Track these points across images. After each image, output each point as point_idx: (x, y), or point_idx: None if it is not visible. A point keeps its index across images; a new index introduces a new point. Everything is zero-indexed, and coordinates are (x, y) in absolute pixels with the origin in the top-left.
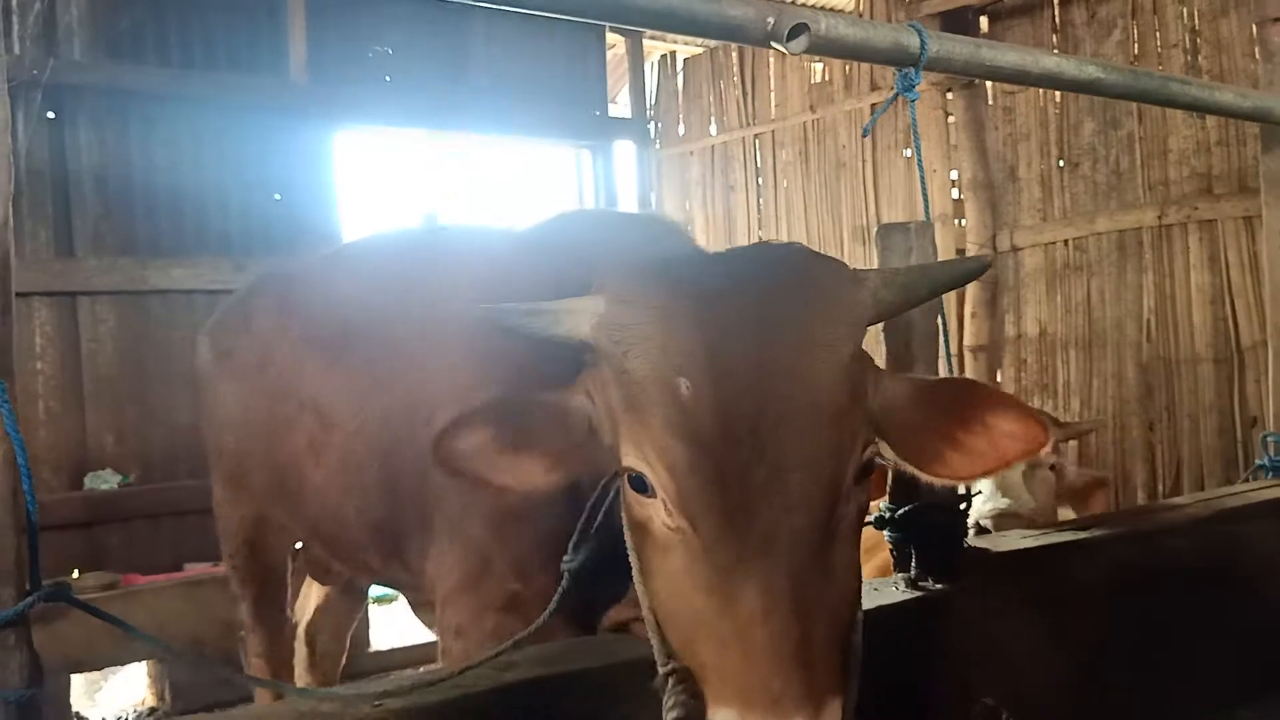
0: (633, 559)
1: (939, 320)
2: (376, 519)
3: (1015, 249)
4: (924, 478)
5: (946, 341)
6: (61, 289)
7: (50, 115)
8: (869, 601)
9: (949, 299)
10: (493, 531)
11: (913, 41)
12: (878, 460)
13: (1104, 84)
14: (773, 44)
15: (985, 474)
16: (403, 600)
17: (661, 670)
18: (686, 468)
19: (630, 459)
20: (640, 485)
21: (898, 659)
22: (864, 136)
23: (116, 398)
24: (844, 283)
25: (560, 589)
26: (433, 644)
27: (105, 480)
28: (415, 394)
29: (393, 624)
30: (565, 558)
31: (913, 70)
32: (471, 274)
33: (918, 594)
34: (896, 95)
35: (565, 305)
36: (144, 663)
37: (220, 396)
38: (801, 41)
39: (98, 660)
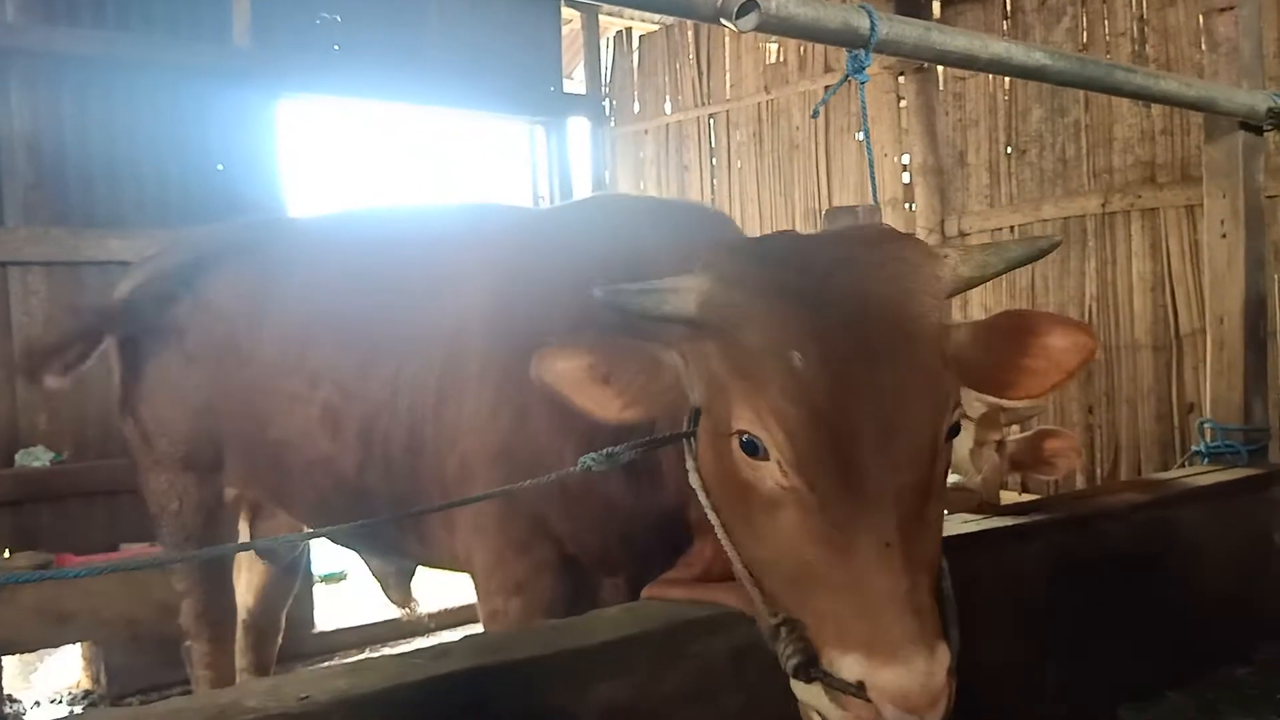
0: (719, 517)
1: None
2: (398, 490)
3: (963, 234)
4: (1005, 403)
5: None
6: None
7: None
8: None
9: None
10: (554, 500)
11: (863, 23)
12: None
13: (1051, 70)
14: (722, 20)
15: (1054, 387)
16: (352, 579)
17: (771, 621)
18: (803, 432)
19: (744, 423)
20: (752, 448)
21: None
22: (813, 118)
23: None
24: (928, 259)
25: (569, 470)
26: (377, 625)
27: (37, 457)
28: (451, 363)
29: (338, 604)
30: (592, 455)
31: (862, 52)
32: (509, 247)
33: None
34: (847, 77)
35: (670, 284)
36: (79, 645)
37: (171, 379)
38: (751, 19)
39: (29, 642)
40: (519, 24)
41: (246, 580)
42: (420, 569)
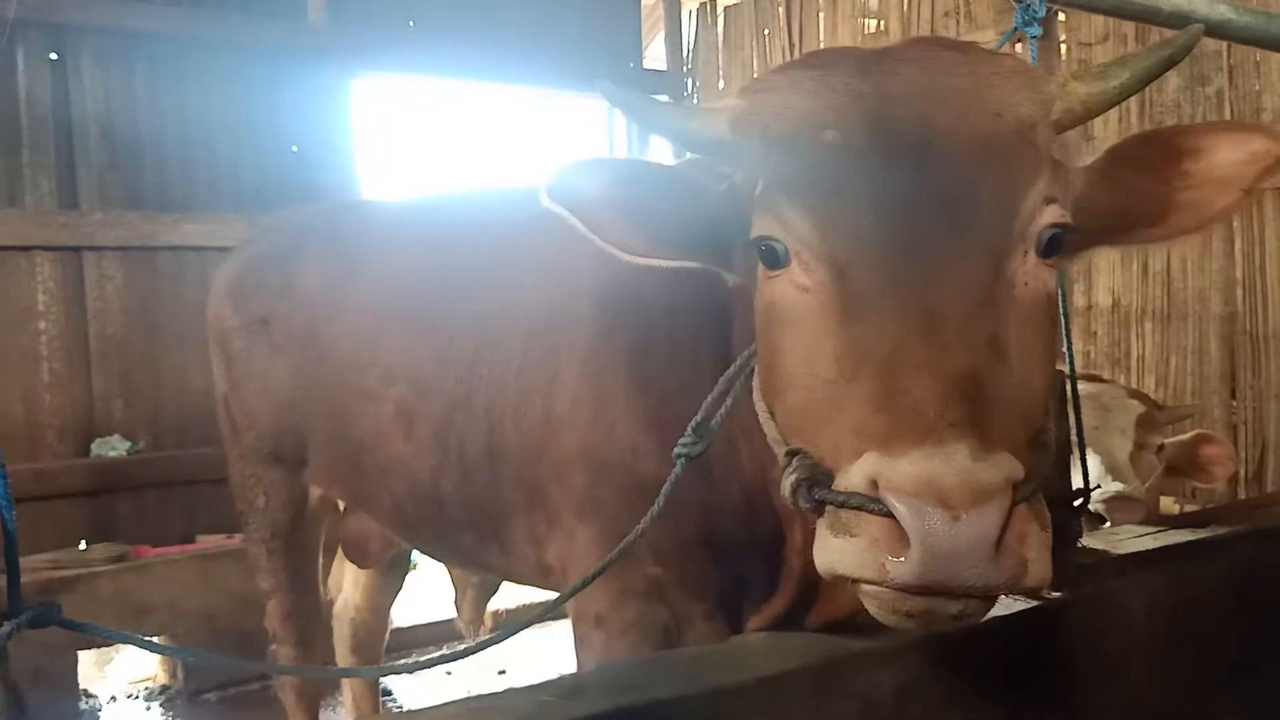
0: (758, 365)
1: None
2: (476, 497)
3: None
4: (1158, 246)
5: (1065, 312)
6: (65, 243)
7: (53, 56)
8: None
9: None
10: (627, 507)
11: None
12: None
13: (1234, 25)
14: None
15: (1224, 214)
16: (425, 571)
17: (782, 453)
18: (826, 206)
19: (762, 225)
20: (773, 257)
21: (1008, 679)
22: None
23: (125, 360)
24: (1030, 70)
25: (671, 476)
26: (451, 622)
27: (113, 447)
28: (532, 353)
29: (417, 598)
30: (682, 440)
31: (1034, 1)
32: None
33: (1032, 604)
34: (1015, 30)
35: (705, 105)
36: (156, 638)
37: (258, 369)
38: None
39: (109, 638)
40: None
41: (353, 576)
42: (503, 585)
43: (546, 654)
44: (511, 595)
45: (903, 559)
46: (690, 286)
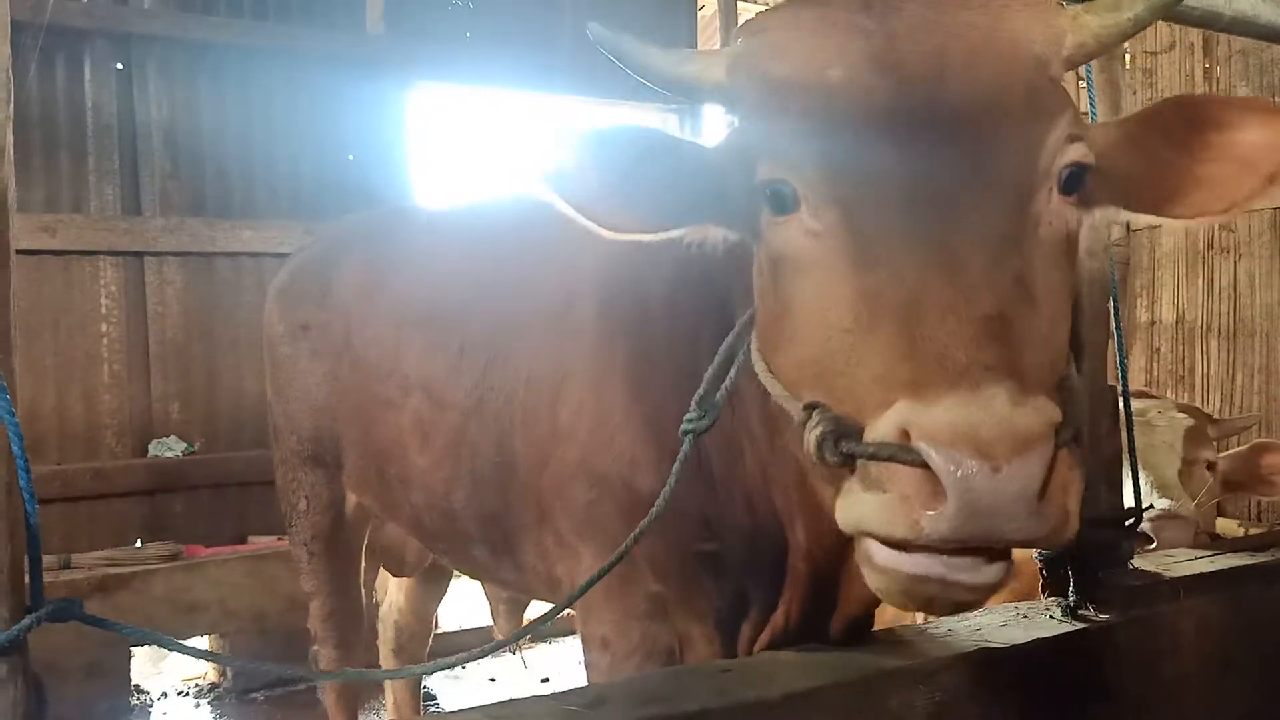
0: (759, 326)
1: (1110, 302)
2: (488, 510)
3: (1151, 226)
4: (1176, 222)
5: (1119, 326)
6: (128, 248)
7: (118, 66)
8: (1021, 633)
9: None
10: (626, 524)
11: None
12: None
13: None
14: None
15: (1247, 201)
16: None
17: (799, 408)
18: (837, 147)
19: (768, 169)
20: (779, 202)
21: (1050, 701)
22: None
23: (182, 363)
24: (1042, 5)
25: (680, 458)
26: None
27: (170, 448)
28: (539, 364)
29: (463, 603)
30: (688, 415)
31: (1079, 8)
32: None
33: (1079, 625)
34: None
35: (705, 50)
36: (206, 637)
37: (299, 374)
38: None
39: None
40: (653, 9)
41: (398, 580)
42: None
43: None
44: (547, 607)
45: (937, 512)
46: (690, 292)
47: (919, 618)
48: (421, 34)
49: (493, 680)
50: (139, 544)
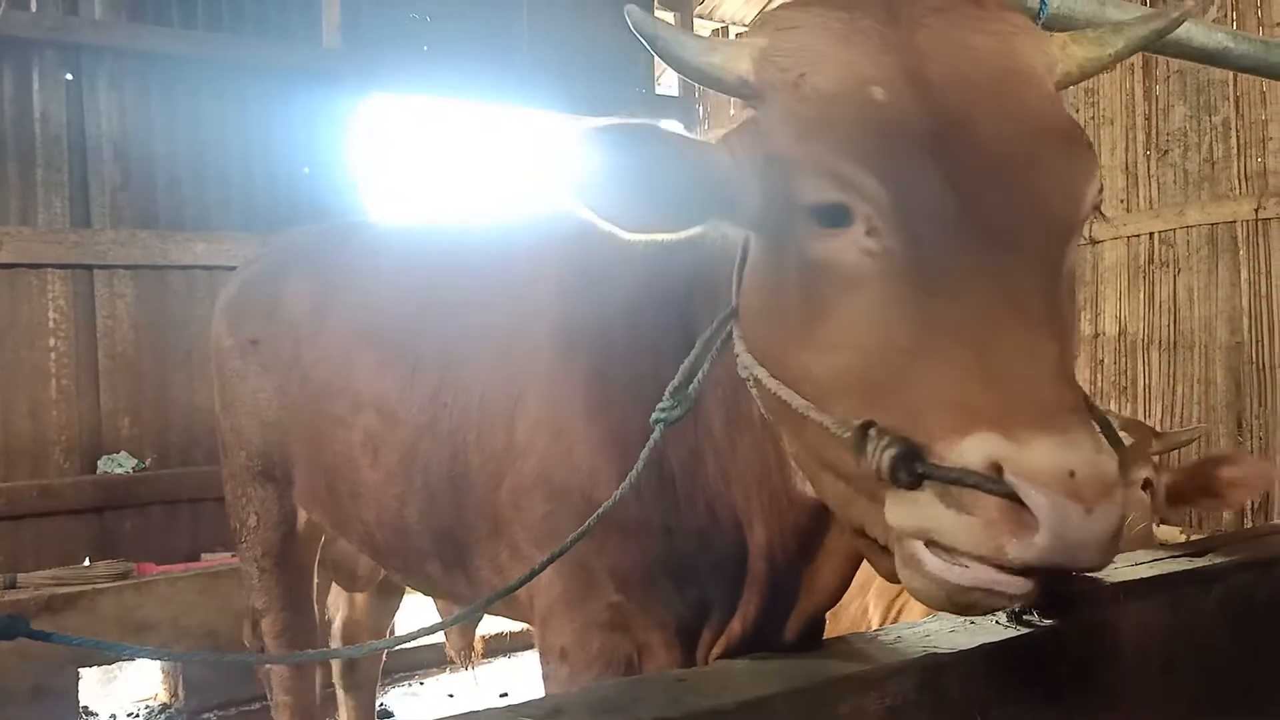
0: (761, 353)
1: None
2: (441, 525)
3: (1094, 241)
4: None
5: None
6: (77, 261)
7: (68, 77)
8: (968, 638)
9: None
10: (589, 537)
11: None
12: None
13: (1232, 54)
14: None
15: None
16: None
17: (855, 424)
18: (901, 173)
19: (814, 183)
20: (831, 216)
21: (997, 705)
22: None
23: (133, 377)
24: (1036, 30)
25: (648, 445)
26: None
27: (120, 464)
28: (495, 380)
29: (418, 618)
30: (661, 405)
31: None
32: (554, 256)
33: (1023, 630)
34: None
35: (725, 40)
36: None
37: (247, 389)
38: None
39: (107, 655)
40: (610, 25)
41: (349, 596)
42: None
43: None
44: (490, 622)
45: (1025, 541)
46: (651, 309)
47: (874, 625)
48: (378, 46)
49: (451, 696)
50: (87, 563)
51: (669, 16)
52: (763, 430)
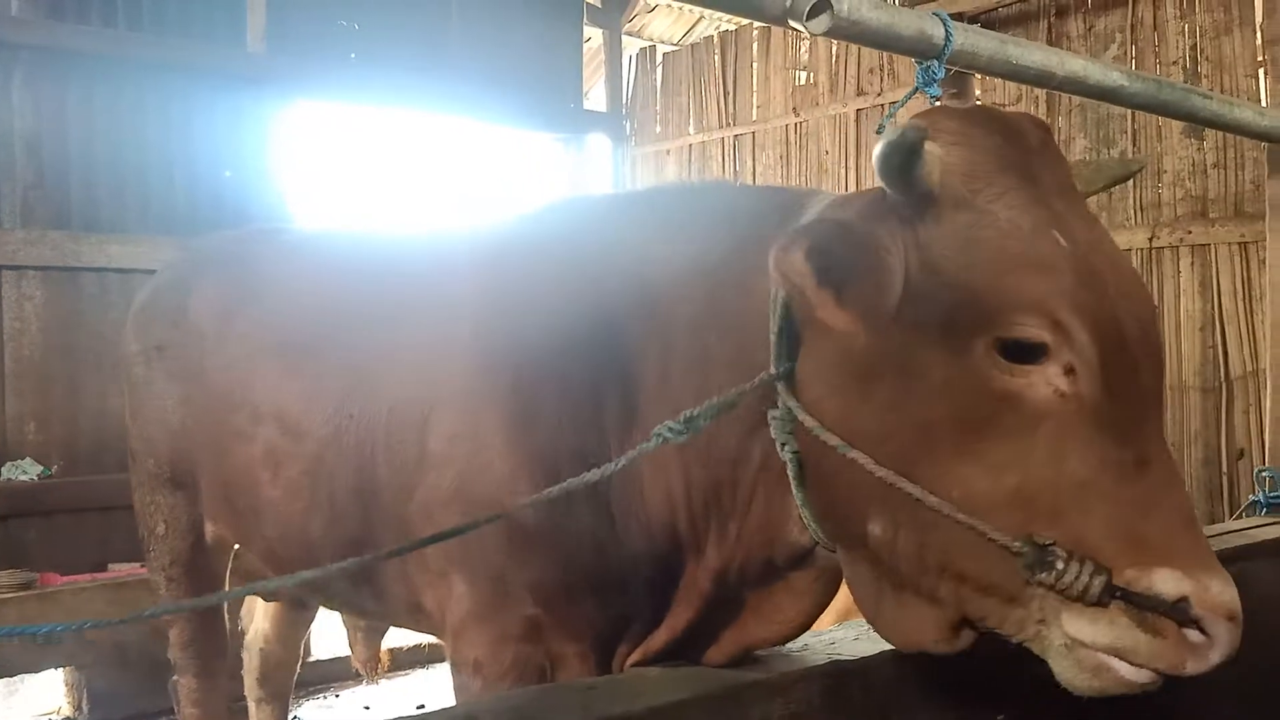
0: (870, 420)
1: None
2: (347, 539)
3: None
4: None
5: None
6: None
7: None
8: (871, 645)
9: None
10: (503, 551)
11: (938, 31)
12: None
13: (1126, 92)
14: (791, 22)
15: None
16: None
17: (1038, 542)
18: (1104, 324)
19: (1020, 323)
20: (1023, 351)
21: (901, 711)
22: (877, 134)
23: (41, 381)
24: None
25: (640, 449)
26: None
27: (24, 470)
28: (407, 393)
29: (334, 631)
30: (670, 425)
31: (934, 63)
32: (463, 267)
33: None
34: (916, 89)
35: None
36: (62, 669)
37: (154, 397)
38: (822, 21)
39: (9, 665)
40: (540, 39)
41: (264, 608)
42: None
43: None
44: (407, 634)
45: (1201, 658)
46: (584, 327)
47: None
48: (304, 53)
49: (367, 709)
50: None
51: (598, 34)
52: (761, 474)
